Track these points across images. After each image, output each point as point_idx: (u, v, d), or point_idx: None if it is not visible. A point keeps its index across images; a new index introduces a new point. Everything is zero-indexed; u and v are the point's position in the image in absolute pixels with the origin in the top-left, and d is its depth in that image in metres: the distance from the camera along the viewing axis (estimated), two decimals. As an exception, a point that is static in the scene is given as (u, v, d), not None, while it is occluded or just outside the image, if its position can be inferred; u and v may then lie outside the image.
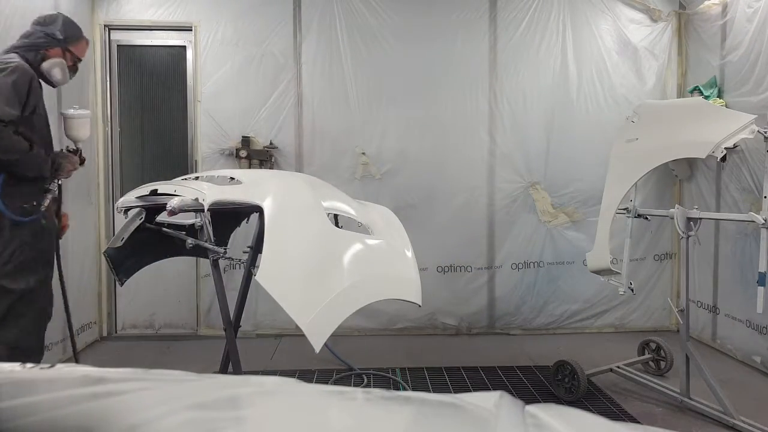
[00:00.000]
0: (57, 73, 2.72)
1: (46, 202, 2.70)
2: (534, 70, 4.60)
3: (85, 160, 2.95)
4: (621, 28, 4.60)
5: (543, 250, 4.64)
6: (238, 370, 2.60)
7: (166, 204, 2.38)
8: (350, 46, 4.51)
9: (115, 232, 3.00)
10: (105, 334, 4.48)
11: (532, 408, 0.55)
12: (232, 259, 3.79)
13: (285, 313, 2.03)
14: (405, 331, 4.58)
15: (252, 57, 4.48)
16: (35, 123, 2.63)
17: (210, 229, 2.47)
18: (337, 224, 2.86)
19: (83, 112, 2.98)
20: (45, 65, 2.69)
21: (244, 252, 3.07)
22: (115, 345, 4.34)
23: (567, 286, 4.65)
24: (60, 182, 2.82)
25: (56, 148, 2.96)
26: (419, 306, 2.58)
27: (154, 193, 2.57)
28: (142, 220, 2.65)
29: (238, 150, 4.38)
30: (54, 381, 0.54)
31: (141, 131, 4.63)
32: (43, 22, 2.75)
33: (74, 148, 2.91)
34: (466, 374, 3.67)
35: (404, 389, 3.40)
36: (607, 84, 4.60)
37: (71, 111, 2.93)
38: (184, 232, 2.67)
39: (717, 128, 2.86)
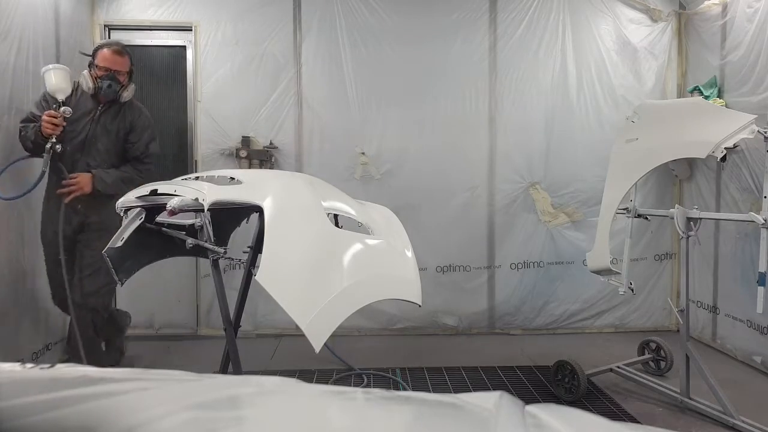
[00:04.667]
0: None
1: (44, 164, 2.89)
2: (534, 70, 4.60)
3: (67, 113, 2.96)
4: (621, 28, 4.60)
5: (543, 250, 4.64)
6: (238, 370, 2.59)
7: (166, 204, 2.38)
8: (350, 46, 4.51)
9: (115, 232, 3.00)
10: (105, 334, 4.48)
11: (532, 408, 0.55)
12: (232, 259, 3.79)
13: (285, 313, 2.03)
14: (405, 331, 4.58)
15: (252, 57, 4.48)
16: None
17: (210, 229, 2.47)
18: (337, 224, 2.85)
19: (58, 65, 3.10)
20: None
21: (244, 252, 3.06)
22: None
23: (567, 286, 4.64)
24: (53, 146, 2.92)
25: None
26: (419, 306, 2.58)
27: (154, 193, 2.57)
28: (142, 220, 2.65)
29: (238, 150, 4.38)
30: (54, 381, 0.54)
31: (141, 131, 4.63)
32: None
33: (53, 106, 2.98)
34: (466, 374, 3.67)
35: (404, 389, 3.40)
36: (607, 84, 4.60)
37: (47, 66, 3.06)
38: (184, 232, 2.66)
39: (717, 128, 2.86)
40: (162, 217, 2.71)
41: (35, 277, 3.45)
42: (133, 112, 3.32)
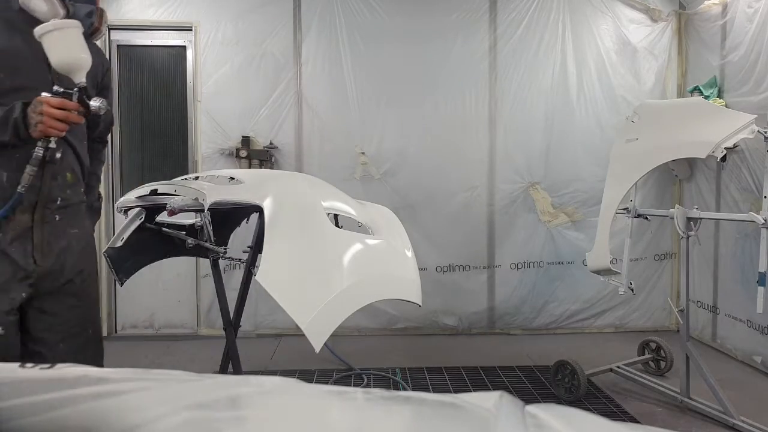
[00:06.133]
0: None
1: (25, 182, 1.65)
2: (534, 70, 4.60)
3: (102, 110, 1.69)
4: (621, 28, 4.60)
5: (543, 250, 4.64)
6: (238, 370, 2.60)
7: (166, 204, 2.38)
8: (350, 46, 4.51)
9: (115, 232, 3.00)
10: (105, 334, 4.48)
11: (532, 408, 0.55)
12: (232, 259, 3.78)
13: (285, 313, 2.03)
14: (405, 331, 4.58)
15: (252, 57, 4.48)
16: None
17: (210, 229, 2.47)
18: (337, 224, 2.85)
19: (61, 21, 1.67)
20: None
21: (244, 252, 3.07)
22: (115, 345, 4.33)
23: (567, 286, 4.65)
24: (50, 153, 1.67)
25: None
26: (419, 306, 2.58)
27: (154, 193, 2.57)
28: (142, 220, 2.65)
29: (238, 150, 4.38)
30: (54, 381, 0.54)
31: (141, 131, 4.63)
32: None
33: (61, 89, 1.64)
34: (466, 374, 3.67)
35: (404, 389, 3.40)
36: (607, 84, 4.60)
37: (44, 24, 1.63)
38: (184, 232, 2.67)
39: (717, 128, 2.86)
40: (162, 217, 2.71)
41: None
42: (101, 56, 2.03)
